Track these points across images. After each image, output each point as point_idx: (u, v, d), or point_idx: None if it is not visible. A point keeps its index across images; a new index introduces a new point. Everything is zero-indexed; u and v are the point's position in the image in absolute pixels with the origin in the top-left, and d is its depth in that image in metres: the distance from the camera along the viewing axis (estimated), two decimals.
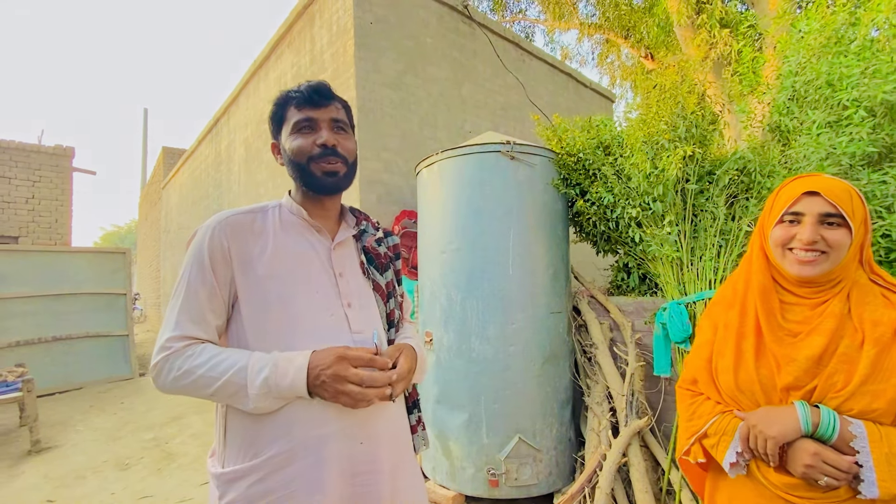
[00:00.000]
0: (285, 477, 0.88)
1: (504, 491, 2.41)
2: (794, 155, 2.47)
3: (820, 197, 0.96)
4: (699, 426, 1.08)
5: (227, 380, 0.87)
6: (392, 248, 1.19)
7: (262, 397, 0.86)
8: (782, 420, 0.92)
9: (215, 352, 0.91)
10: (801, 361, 0.96)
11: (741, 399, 1.03)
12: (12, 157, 8.36)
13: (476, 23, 5.01)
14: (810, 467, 0.88)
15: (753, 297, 1.06)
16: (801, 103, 2.66)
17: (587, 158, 2.72)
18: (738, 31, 5.04)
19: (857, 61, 2.43)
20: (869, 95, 2.31)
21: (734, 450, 1.00)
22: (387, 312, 1.10)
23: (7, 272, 5.71)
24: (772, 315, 1.03)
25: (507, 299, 2.49)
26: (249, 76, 6.05)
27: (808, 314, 1.00)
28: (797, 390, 0.96)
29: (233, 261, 0.96)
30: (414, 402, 1.14)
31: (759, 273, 1.07)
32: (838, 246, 0.95)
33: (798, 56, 2.73)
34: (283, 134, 1.04)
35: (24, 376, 4.01)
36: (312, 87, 1.01)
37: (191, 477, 3.22)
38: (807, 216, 0.97)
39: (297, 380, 0.86)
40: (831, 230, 0.96)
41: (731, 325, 1.09)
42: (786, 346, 0.99)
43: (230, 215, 1.00)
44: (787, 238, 1.00)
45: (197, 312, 0.94)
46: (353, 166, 1.07)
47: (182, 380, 0.89)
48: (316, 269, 1.01)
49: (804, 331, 0.99)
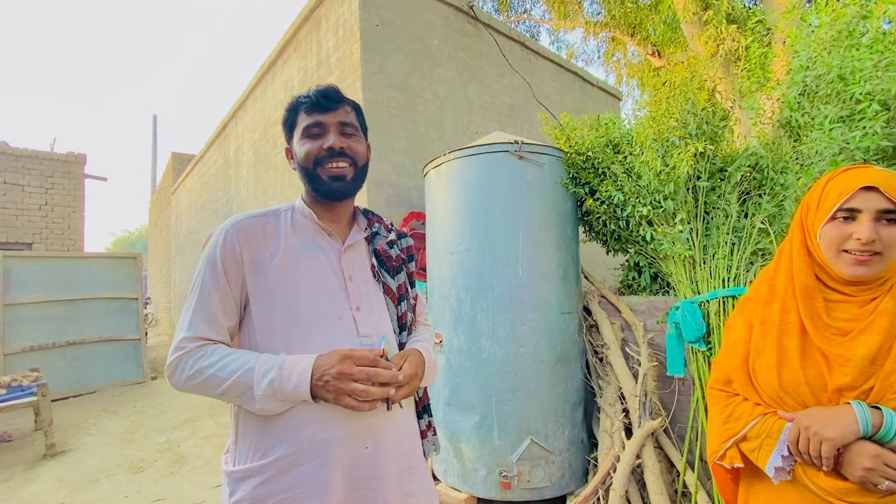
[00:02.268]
0: (290, 479, 0.89)
1: (516, 493, 2.39)
2: (806, 151, 2.44)
3: (878, 192, 0.90)
4: (738, 429, 1.02)
5: (235, 380, 0.89)
6: (405, 249, 1.19)
7: (268, 399, 0.88)
8: (840, 421, 0.87)
9: (225, 353, 0.92)
10: (856, 361, 0.91)
11: (786, 400, 0.98)
12: (25, 164, 8.48)
13: (481, 23, 5.01)
14: (871, 470, 0.84)
15: (795, 295, 1.01)
16: (813, 98, 2.63)
17: (596, 157, 2.70)
18: (747, 26, 4.99)
19: (869, 54, 2.39)
20: (882, 89, 2.27)
21: (780, 453, 0.94)
22: (398, 315, 1.10)
23: (22, 278, 5.79)
24: (816, 313, 0.98)
25: (517, 300, 2.48)
26: (257, 81, 6.10)
27: (857, 312, 0.95)
28: (852, 391, 0.91)
29: (244, 264, 0.97)
30: (424, 407, 1.14)
31: (802, 272, 1.01)
32: (893, 247, 0.90)
33: (808, 50, 2.69)
34: (295, 139, 1.05)
35: (39, 381, 4.06)
36: (321, 91, 1.03)
37: (204, 479, 3.24)
38: (864, 213, 0.91)
39: (301, 383, 0.87)
40: (888, 227, 0.90)
41: (770, 322, 1.03)
42: (836, 346, 0.94)
43: (243, 219, 1.02)
44: (843, 237, 0.93)
45: (209, 314, 0.96)
46: (362, 170, 1.07)
47: (193, 379, 0.92)
48: (325, 273, 1.01)
49: (855, 329, 0.94)
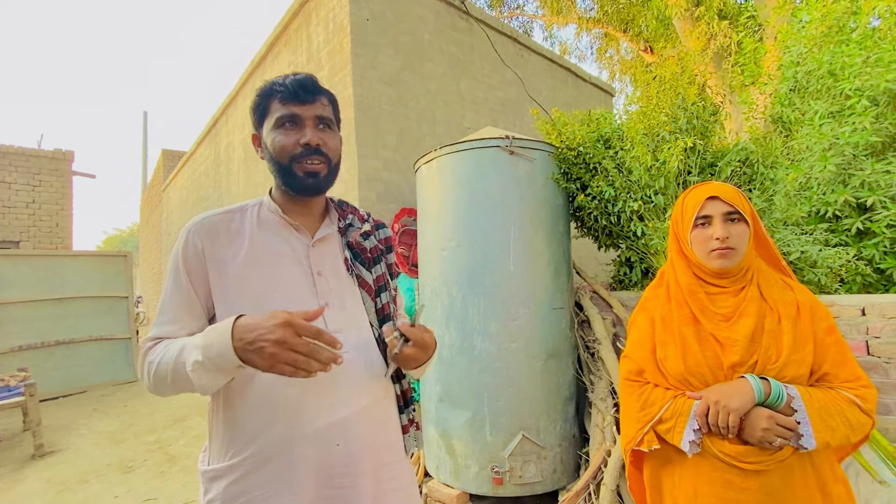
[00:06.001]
0: (260, 478, 0.88)
1: (508, 489, 2.39)
2: (796, 146, 2.44)
3: (720, 199, 1.14)
4: (654, 413, 1.15)
5: (176, 361, 0.85)
6: (383, 240, 1.16)
7: (198, 372, 0.81)
8: (740, 393, 1.03)
9: (173, 341, 0.90)
10: (741, 340, 1.09)
11: (691, 381, 1.13)
12: (12, 161, 8.35)
13: (474, 18, 4.98)
14: (767, 430, 1.00)
15: (682, 292, 1.20)
16: (803, 94, 2.64)
17: (587, 152, 2.70)
18: (738, 22, 5.00)
19: (858, 50, 2.40)
20: (871, 84, 2.28)
21: (691, 428, 1.08)
22: (379, 308, 1.07)
23: (9, 277, 5.70)
24: (703, 304, 1.16)
25: (509, 296, 2.47)
26: (247, 76, 6.04)
27: (733, 300, 1.14)
28: (742, 366, 1.08)
29: (207, 262, 0.94)
30: (406, 402, 1.10)
31: (683, 273, 1.21)
32: (741, 240, 1.12)
33: (799, 46, 2.70)
34: (266, 128, 1.00)
35: (27, 380, 4.00)
36: (298, 81, 0.98)
37: (194, 479, 3.21)
38: (715, 217, 1.14)
39: (222, 345, 0.79)
40: (734, 225, 1.12)
41: (668, 317, 1.21)
42: (723, 330, 1.12)
43: (206, 217, 0.99)
44: (706, 238, 1.15)
45: (173, 314, 0.94)
46: (336, 166, 1.04)
47: (151, 375, 0.88)
48: (292, 269, 0.99)
49: (734, 314, 1.13)
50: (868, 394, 1.05)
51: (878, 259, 2.16)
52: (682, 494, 1.14)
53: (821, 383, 1.08)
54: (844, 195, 2.19)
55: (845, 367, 1.07)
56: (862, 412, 1.03)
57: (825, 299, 1.95)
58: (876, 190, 2.16)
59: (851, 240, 2.25)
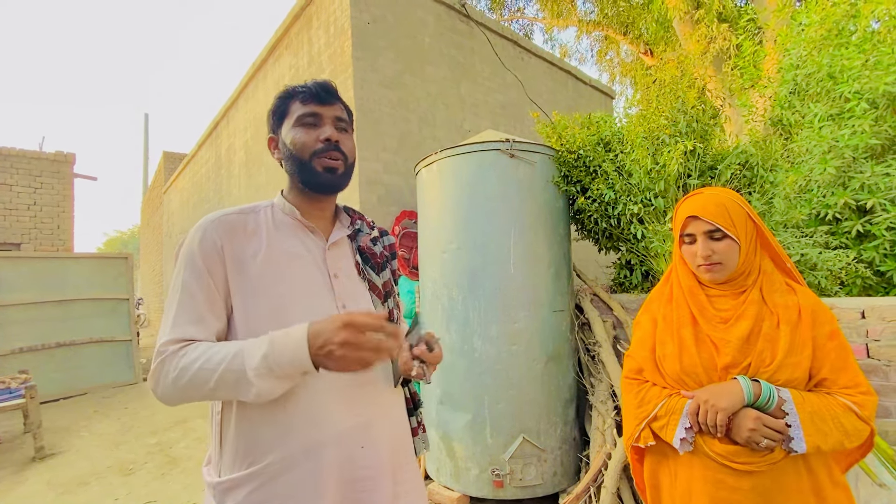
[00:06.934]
0: (284, 484, 0.86)
1: (509, 492, 2.39)
2: (796, 149, 2.45)
3: (700, 219, 1.15)
4: (649, 410, 1.18)
5: (226, 368, 0.80)
6: (388, 247, 1.17)
7: (264, 378, 0.79)
8: (730, 393, 1.06)
9: (209, 345, 0.85)
10: (734, 342, 1.10)
11: (686, 381, 1.16)
12: (13, 164, 8.37)
13: (474, 21, 5.00)
14: (754, 431, 1.02)
15: (685, 295, 1.23)
16: (803, 96, 2.65)
17: (587, 155, 2.70)
18: (738, 25, 5.01)
19: (858, 53, 2.41)
20: (871, 87, 2.29)
21: (683, 426, 1.11)
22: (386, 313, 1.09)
23: (10, 279, 5.71)
24: (703, 306, 1.19)
25: (509, 298, 2.48)
26: (248, 79, 6.05)
27: (732, 303, 1.17)
28: (735, 368, 1.10)
29: (226, 260, 0.92)
30: (415, 404, 1.13)
31: (685, 277, 1.24)
32: (728, 254, 1.14)
33: (799, 49, 2.71)
34: (285, 128, 1.01)
35: (28, 383, 4.01)
36: (319, 83, 1.01)
37: (195, 481, 3.21)
38: (697, 236, 1.17)
39: (299, 351, 0.79)
40: (718, 243, 1.14)
41: (669, 318, 1.24)
42: (720, 331, 1.14)
43: (222, 215, 0.97)
44: (692, 255, 1.19)
45: (195, 314, 0.89)
46: (351, 166, 1.05)
47: (180, 379, 0.82)
48: (310, 271, 0.98)
49: (733, 317, 1.14)
50: (866, 400, 1.05)
51: (878, 261, 2.16)
52: (678, 493, 1.16)
53: (819, 388, 1.09)
54: (844, 198, 2.19)
55: (845, 372, 1.07)
56: (859, 419, 1.03)
57: (825, 302, 1.95)
58: (876, 192, 2.17)
59: (851, 242, 2.25)
